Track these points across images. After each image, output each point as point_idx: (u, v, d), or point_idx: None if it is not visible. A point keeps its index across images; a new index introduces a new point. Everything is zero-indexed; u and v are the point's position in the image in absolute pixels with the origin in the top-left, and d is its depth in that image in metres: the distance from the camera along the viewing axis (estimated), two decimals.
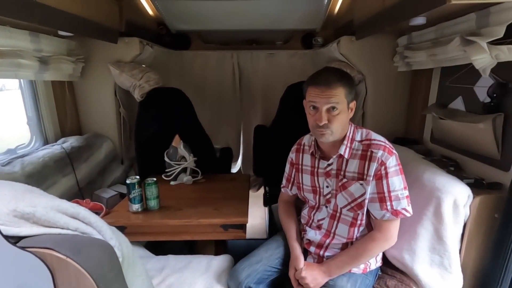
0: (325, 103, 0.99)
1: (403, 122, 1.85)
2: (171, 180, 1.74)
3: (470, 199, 1.05)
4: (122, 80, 1.79)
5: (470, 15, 1.08)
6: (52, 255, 0.51)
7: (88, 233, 0.57)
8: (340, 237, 1.13)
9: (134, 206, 1.36)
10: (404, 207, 1.02)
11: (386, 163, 1.00)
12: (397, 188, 1.01)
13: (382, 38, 1.70)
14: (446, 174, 1.15)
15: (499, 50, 0.96)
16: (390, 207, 1.01)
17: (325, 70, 1.07)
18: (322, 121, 0.99)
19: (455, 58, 1.20)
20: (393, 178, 1.01)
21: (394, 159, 1.02)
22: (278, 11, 2.10)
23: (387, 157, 1.01)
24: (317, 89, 1.00)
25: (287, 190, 1.33)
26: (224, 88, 2.46)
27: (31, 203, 0.58)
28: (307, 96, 1.05)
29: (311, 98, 1.02)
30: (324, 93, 0.99)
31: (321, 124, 1.00)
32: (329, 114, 1.00)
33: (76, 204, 0.61)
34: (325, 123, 1.00)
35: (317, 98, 1.00)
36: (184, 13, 2.15)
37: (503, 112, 1.10)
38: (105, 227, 0.60)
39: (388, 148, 1.03)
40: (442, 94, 1.50)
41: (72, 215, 0.58)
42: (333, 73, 1.03)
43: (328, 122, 1.00)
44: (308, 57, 2.41)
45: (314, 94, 1.01)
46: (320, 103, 1.00)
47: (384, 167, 1.00)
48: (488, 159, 1.19)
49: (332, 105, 0.99)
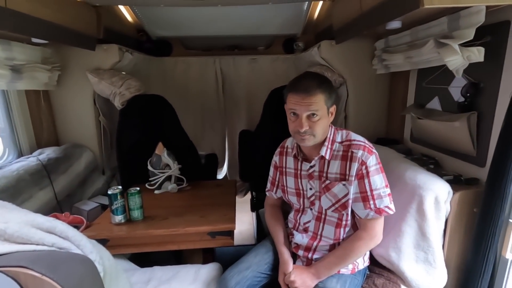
0: (305, 110, 1.00)
1: (384, 123, 1.90)
2: (155, 189, 1.70)
3: (450, 195, 1.08)
4: (101, 88, 1.74)
5: (442, 19, 1.13)
6: (27, 274, 0.47)
7: (66, 248, 0.54)
8: (327, 239, 1.13)
9: (116, 217, 1.31)
10: (387, 205, 1.04)
11: (367, 162, 1.02)
12: (379, 186, 1.03)
13: (361, 42, 1.74)
14: (427, 172, 1.18)
15: (470, 51, 1.01)
16: (373, 205, 1.03)
17: (304, 76, 1.07)
18: (303, 127, 1.01)
19: (430, 60, 1.25)
20: (374, 177, 1.03)
21: (374, 158, 1.04)
22: (259, 17, 2.13)
23: (367, 156, 1.03)
24: (297, 96, 1.00)
25: (272, 194, 1.33)
26: (207, 94, 2.45)
27: (3, 219, 0.54)
28: (287, 103, 1.05)
29: (291, 105, 1.03)
30: (304, 101, 0.99)
31: (302, 130, 1.01)
32: (309, 120, 1.01)
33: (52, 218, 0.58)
34: (306, 129, 1.01)
35: (297, 105, 1.01)
36: (164, 20, 2.13)
37: (476, 110, 1.15)
38: (84, 240, 0.57)
39: (367, 147, 1.05)
40: (419, 95, 1.55)
41: (48, 230, 0.55)
42: (312, 79, 1.03)
43: (309, 128, 1.01)
44: (290, 61, 2.44)
45: (294, 101, 1.01)
46: (300, 110, 1.01)
47: (365, 166, 1.02)
48: (465, 156, 1.24)
49: (311, 112, 1.00)
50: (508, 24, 1.01)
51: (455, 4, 0.89)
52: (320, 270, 1.08)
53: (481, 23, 0.95)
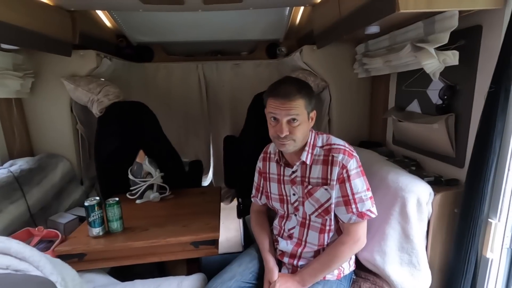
0: (285, 115, 0.99)
1: (366, 126, 1.92)
2: (137, 199, 1.64)
3: (432, 196, 1.09)
4: (78, 95, 1.68)
5: (418, 24, 1.16)
6: None
7: (22, 270, 0.50)
8: (311, 245, 1.12)
9: (94, 230, 1.25)
10: (369, 208, 1.03)
11: (347, 166, 1.02)
12: (360, 190, 1.03)
13: (342, 46, 1.77)
14: (408, 174, 1.20)
15: (445, 55, 1.03)
16: (356, 209, 1.02)
17: (284, 81, 1.06)
18: (283, 132, 0.99)
19: (408, 63, 1.27)
20: (355, 181, 1.02)
21: (355, 162, 1.04)
22: (241, 22, 2.12)
23: (347, 160, 1.02)
24: (277, 101, 0.99)
25: (257, 200, 1.31)
26: (191, 100, 2.41)
27: None
28: (267, 107, 1.04)
29: (271, 109, 1.01)
30: (284, 105, 0.98)
31: (282, 135, 1.00)
32: (289, 125, 1.00)
33: (6, 238, 0.53)
34: (286, 134, 1.00)
35: (277, 110, 0.99)
36: (145, 25, 2.09)
37: (453, 112, 1.18)
38: (43, 260, 0.52)
39: (348, 151, 1.04)
40: (400, 98, 1.58)
41: (1, 251, 0.50)
42: (292, 84, 1.02)
43: (289, 133, 1.00)
44: (273, 66, 2.44)
45: (274, 106, 1.00)
46: (281, 115, 0.99)
47: (346, 170, 1.02)
48: (445, 157, 1.26)
49: (291, 117, 0.99)
50: (480, 28, 1.04)
51: (429, 9, 0.90)
52: (305, 278, 1.06)
53: (455, 27, 0.98)
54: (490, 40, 1.01)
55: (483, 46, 1.04)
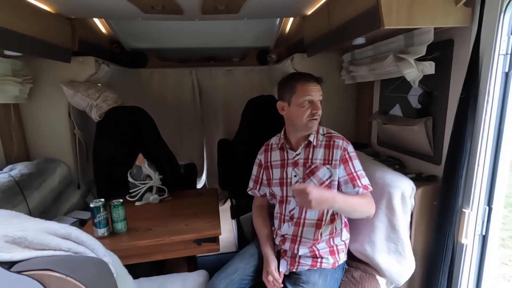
0: (319, 96, 1.18)
1: (353, 129, 2.06)
2: (136, 201, 1.68)
3: (414, 191, 1.22)
4: (77, 100, 1.71)
5: (399, 37, 1.30)
6: (51, 275, 0.50)
7: (81, 252, 0.57)
8: (310, 221, 1.21)
9: (99, 230, 1.29)
10: (368, 183, 1.19)
11: (348, 149, 1.20)
12: (359, 168, 1.19)
13: (329, 55, 1.90)
14: (393, 171, 1.32)
15: (423, 65, 1.17)
16: (360, 183, 1.17)
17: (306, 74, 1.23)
18: (319, 109, 1.17)
19: (391, 72, 1.41)
20: (356, 161, 1.20)
21: (351, 147, 1.22)
22: (233, 30, 2.22)
23: (346, 144, 1.21)
24: (311, 85, 1.17)
25: (255, 192, 1.40)
26: (185, 105, 2.48)
27: (21, 227, 0.56)
28: (299, 92, 1.17)
29: (307, 92, 1.16)
30: (316, 87, 1.18)
31: (319, 112, 1.17)
32: (319, 105, 1.19)
33: (67, 225, 0.60)
34: (320, 111, 1.17)
35: (313, 92, 1.16)
36: (140, 32, 2.15)
37: (431, 115, 1.32)
38: (98, 244, 0.60)
39: (345, 139, 1.24)
40: (383, 102, 1.72)
41: (63, 236, 0.57)
42: (313, 75, 1.22)
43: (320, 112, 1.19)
44: (264, 72, 2.55)
45: (309, 88, 1.16)
46: (316, 96, 1.17)
47: (347, 152, 1.19)
48: (424, 156, 1.40)
49: (320, 97, 1.19)
50: (452, 42, 1.19)
51: (409, 25, 1.04)
52: (336, 197, 1.07)
53: (431, 41, 1.12)
54: (461, 52, 1.16)
55: (455, 57, 1.19)
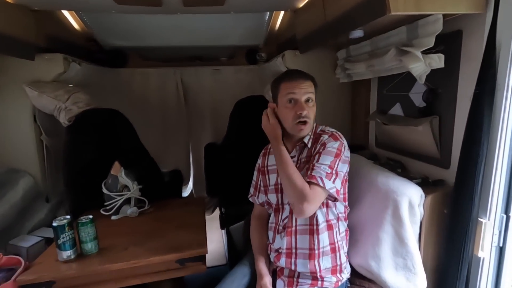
0: (303, 94, 1.05)
1: (349, 130, 1.94)
2: (112, 215, 1.50)
3: (423, 198, 1.09)
4: (43, 102, 1.52)
5: (401, 29, 1.18)
6: None
7: None
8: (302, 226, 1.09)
9: (64, 253, 1.11)
10: (321, 176, 0.99)
11: (327, 144, 1.05)
12: (324, 162, 1.02)
13: (323, 52, 1.77)
14: (398, 176, 1.20)
15: (431, 58, 1.05)
16: (310, 172, 1.02)
17: (293, 70, 1.16)
18: (304, 110, 1.03)
19: (391, 68, 1.29)
20: (326, 156, 1.03)
21: (337, 144, 1.06)
22: (220, 27, 2.08)
23: (329, 140, 1.06)
24: (294, 82, 1.05)
25: (255, 199, 1.29)
26: (169, 107, 2.30)
27: None
28: (282, 91, 1.07)
29: (289, 90, 1.05)
30: (301, 85, 1.05)
31: (304, 113, 1.03)
32: (307, 105, 1.06)
33: None
34: (306, 112, 1.04)
35: (296, 89, 1.04)
36: (118, 28, 1.97)
37: (437, 114, 1.20)
38: None
39: (335, 135, 1.09)
40: (381, 101, 1.61)
41: None
42: (302, 71, 1.12)
43: (307, 112, 1.05)
44: (254, 72, 2.41)
45: (291, 86, 1.05)
46: (299, 94, 1.04)
47: (324, 147, 1.05)
48: (430, 158, 1.28)
49: (308, 95, 1.06)
50: (460, 33, 1.08)
51: (417, 11, 0.91)
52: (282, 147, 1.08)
53: (440, 30, 1.00)
54: (471, 44, 1.05)
55: (464, 50, 1.08)
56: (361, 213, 1.24)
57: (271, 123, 1.10)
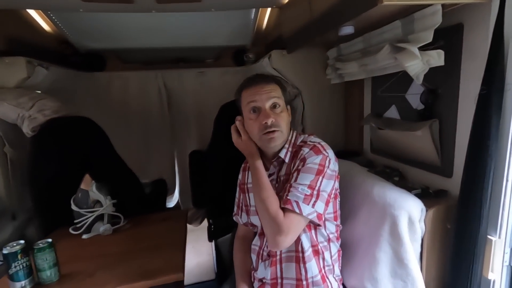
0: (267, 99, 0.93)
1: (342, 135, 1.82)
2: (83, 233, 1.36)
3: (424, 212, 0.97)
4: (3, 111, 1.38)
5: (395, 23, 1.06)
6: None
7: None
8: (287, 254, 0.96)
9: (17, 284, 0.97)
10: (296, 199, 0.85)
11: (307, 159, 0.90)
12: (302, 182, 0.87)
13: (313, 51, 1.65)
14: (395, 187, 1.07)
15: (429, 55, 0.93)
16: (285, 195, 0.87)
17: (254, 75, 1.01)
18: (270, 117, 0.91)
19: (386, 66, 1.17)
20: (306, 174, 0.88)
21: (319, 159, 0.90)
22: (204, 27, 1.95)
23: (310, 154, 0.91)
24: (255, 88, 0.94)
25: (238, 219, 1.16)
26: (151, 113, 2.16)
27: None
28: (244, 100, 0.95)
29: (249, 98, 0.94)
30: (263, 89, 0.93)
31: (269, 122, 0.91)
32: (273, 112, 0.93)
33: None
34: (272, 120, 0.91)
35: (257, 95, 0.93)
36: (93, 30, 1.84)
37: (437, 117, 1.08)
38: None
39: (317, 147, 0.92)
40: (376, 104, 1.49)
41: None
42: (263, 74, 1.01)
43: (275, 120, 0.92)
44: (241, 74, 2.29)
45: (252, 93, 0.94)
46: (262, 100, 0.93)
47: (303, 163, 0.90)
48: (429, 166, 1.16)
49: (274, 100, 0.93)
50: (461, 26, 0.97)
51: (413, 1, 0.80)
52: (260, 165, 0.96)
53: (439, 23, 0.88)
54: (473, 38, 0.93)
55: (466, 45, 0.96)
56: (356, 229, 1.11)
57: (243, 139, 0.97)
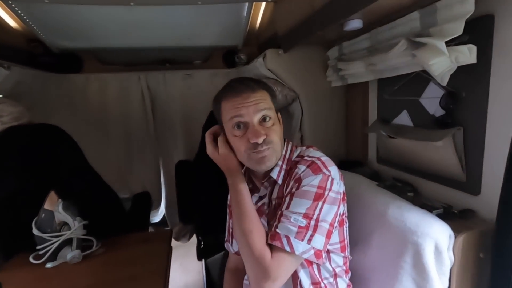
0: (254, 112, 0.74)
1: (343, 143, 1.66)
2: (47, 261, 1.15)
3: (452, 239, 0.81)
4: None
5: (412, 15, 0.91)
6: None
7: None
8: None
9: None
10: (287, 233, 0.68)
11: (303, 181, 0.73)
12: (295, 209, 0.70)
13: (311, 51, 1.50)
14: (414, 207, 0.91)
15: (458, 51, 0.78)
16: (274, 227, 0.71)
17: (235, 79, 0.82)
18: (260, 135, 0.73)
19: (399, 66, 1.02)
20: (300, 199, 0.71)
21: (318, 180, 0.72)
22: (192, 26, 1.78)
23: (307, 174, 0.74)
24: (238, 98, 0.75)
25: (229, 246, 0.99)
26: (133, 119, 1.96)
27: None
28: (224, 114, 0.76)
29: (233, 112, 0.75)
30: (249, 100, 0.74)
31: (260, 140, 0.73)
32: (262, 127, 0.76)
33: None
34: (264, 137, 0.73)
35: (243, 108, 0.74)
36: (67, 27, 1.65)
37: (461, 125, 0.93)
38: None
39: (316, 164, 0.75)
40: (383, 109, 1.33)
41: None
42: (247, 79, 0.82)
43: (267, 136, 0.75)
44: (232, 76, 2.12)
45: (235, 105, 0.75)
46: (248, 114, 0.74)
47: (298, 184, 0.74)
48: (451, 181, 1.01)
49: (263, 113, 0.75)
50: (491, 18, 0.82)
51: None
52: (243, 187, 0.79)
53: (471, 12, 0.73)
54: (505, 32, 0.79)
55: (497, 40, 0.81)
56: (368, 258, 0.94)
57: (221, 153, 0.79)
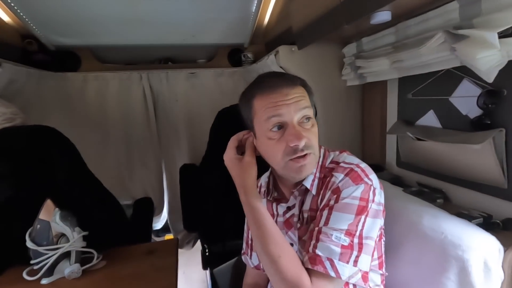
0: (295, 111, 0.65)
1: (359, 145, 1.57)
2: (42, 277, 1.05)
3: (502, 254, 0.73)
4: None
5: (448, 6, 0.83)
6: None
7: None
8: None
9: None
10: (330, 255, 0.60)
11: (342, 192, 0.65)
12: (336, 226, 0.62)
13: (326, 47, 1.42)
14: (453, 217, 0.83)
15: (510, 44, 0.70)
16: (312, 247, 0.61)
17: (268, 73, 0.74)
18: (302, 137, 0.64)
19: (431, 62, 0.94)
20: (341, 213, 0.63)
21: (360, 190, 0.64)
22: (196, 23, 1.70)
23: (347, 183, 0.65)
24: (277, 94, 0.65)
25: (247, 259, 0.90)
26: (134, 120, 1.86)
27: None
28: (258, 112, 0.67)
29: (271, 110, 0.65)
30: (289, 97, 0.65)
31: (301, 144, 0.64)
32: (303, 129, 0.66)
33: None
34: (305, 140, 0.65)
35: (283, 107, 0.65)
36: (64, 22, 1.55)
37: (503, 127, 0.85)
38: None
39: (356, 173, 0.67)
40: (405, 109, 1.25)
41: None
42: (281, 73, 0.74)
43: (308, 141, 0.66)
44: (239, 75, 2.03)
45: (274, 102, 0.65)
46: (289, 113, 0.65)
47: (337, 196, 0.65)
48: (489, 187, 0.92)
49: (304, 112, 0.67)
50: None
51: None
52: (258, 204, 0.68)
53: None
54: None
55: None
56: (402, 273, 0.85)
57: (246, 161, 0.69)
